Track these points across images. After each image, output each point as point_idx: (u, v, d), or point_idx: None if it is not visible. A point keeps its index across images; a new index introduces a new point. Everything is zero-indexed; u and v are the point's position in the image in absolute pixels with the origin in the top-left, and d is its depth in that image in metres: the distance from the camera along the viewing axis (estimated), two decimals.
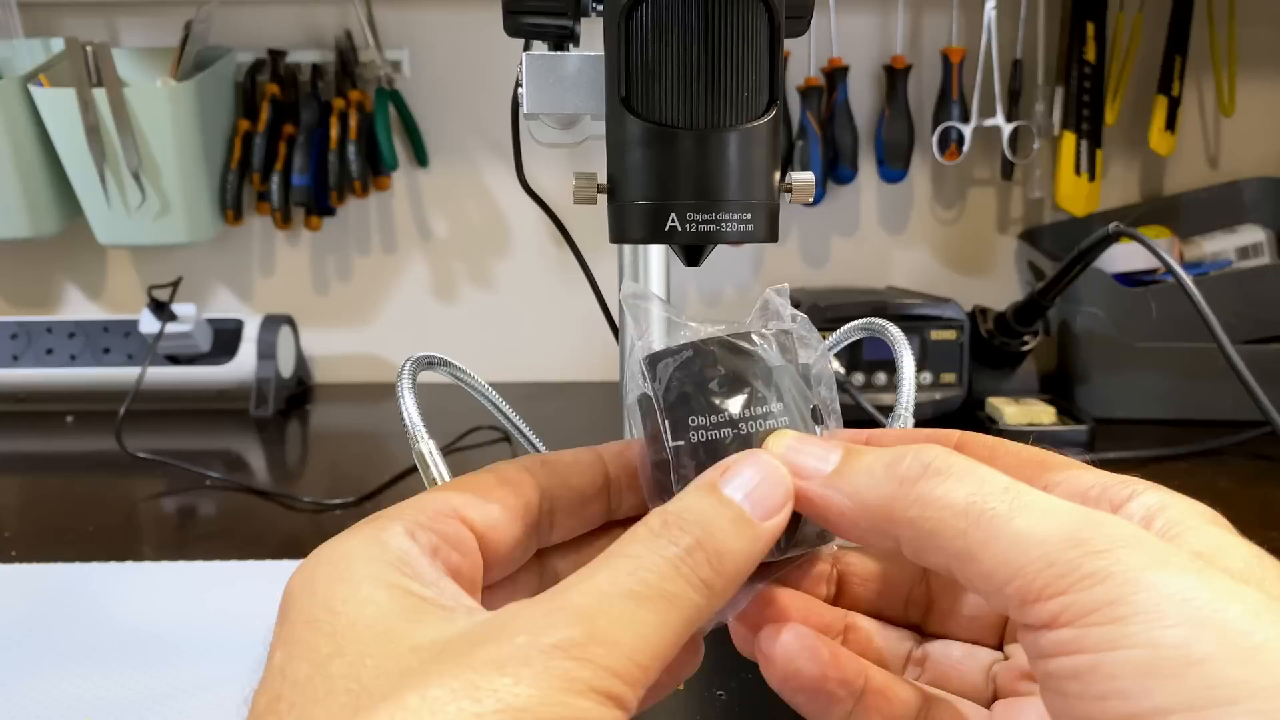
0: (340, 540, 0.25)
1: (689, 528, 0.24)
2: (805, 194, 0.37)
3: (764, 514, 0.25)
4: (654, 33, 0.33)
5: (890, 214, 1.23)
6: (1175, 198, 1.18)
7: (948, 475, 0.24)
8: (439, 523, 0.25)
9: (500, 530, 0.27)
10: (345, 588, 0.23)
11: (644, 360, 0.30)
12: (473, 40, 1.17)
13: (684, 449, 0.28)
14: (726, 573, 0.24)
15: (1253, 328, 0.96)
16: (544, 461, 0.30)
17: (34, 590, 0.62)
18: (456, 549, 0.26)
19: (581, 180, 0.37)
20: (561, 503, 0.29)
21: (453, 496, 0.27)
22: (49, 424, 1.06)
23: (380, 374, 1.24)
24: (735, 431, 0.28)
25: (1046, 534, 0.21)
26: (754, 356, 0.29)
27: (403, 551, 0.24)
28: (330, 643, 0.21)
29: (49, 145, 1.06)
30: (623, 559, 0.23)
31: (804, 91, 1.13)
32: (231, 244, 1.22)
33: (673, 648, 0.22)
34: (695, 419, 0.28)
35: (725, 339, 0.29)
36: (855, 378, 0.95)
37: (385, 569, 0.23)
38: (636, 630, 0.21)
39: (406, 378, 0.34)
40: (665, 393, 0.29)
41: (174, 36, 1.07)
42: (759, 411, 0.29)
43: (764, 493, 0.25)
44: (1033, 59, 1.14)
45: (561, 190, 0.38)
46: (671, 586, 0.23)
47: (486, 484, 0.28)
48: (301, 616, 0.23)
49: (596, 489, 0.30)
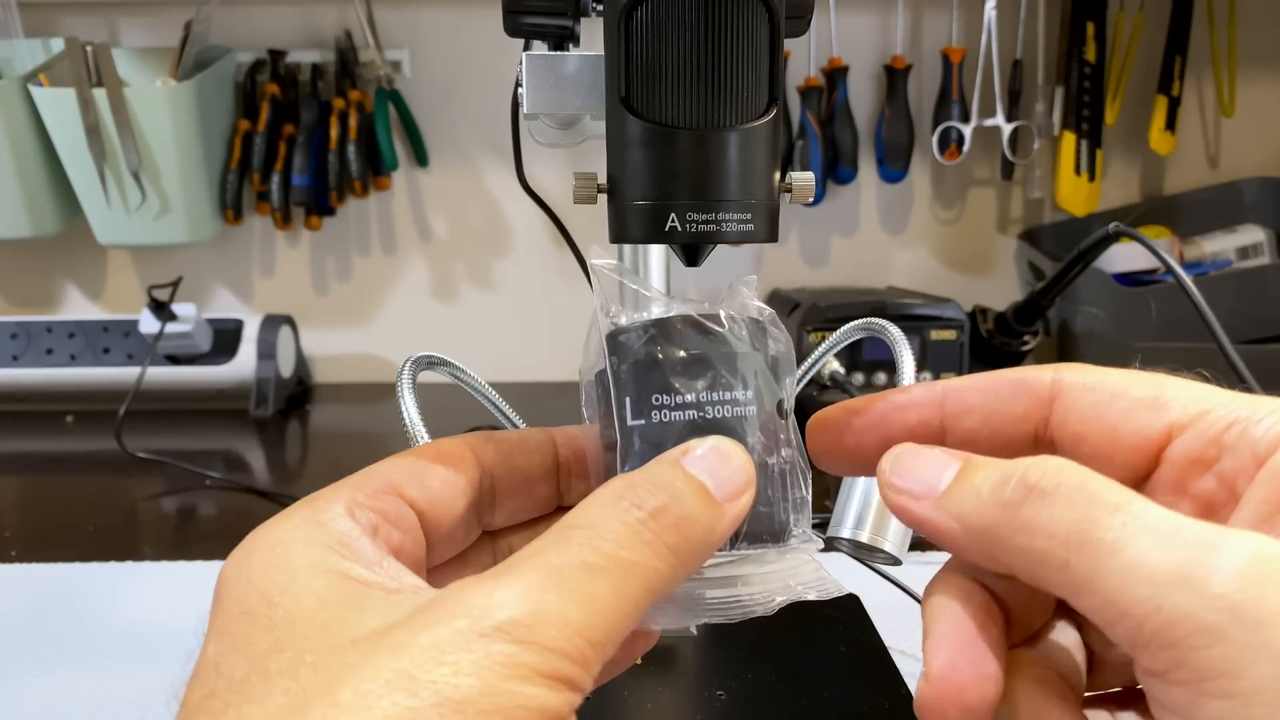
0: (277, 523, 0.23)
1: (655, 491, 0.23)
2: (805, 194, 0.37)
3: (727, 495, 0.24)
4: (654, 32, 0.33)
5: (890, 214, 1.23)
6: (1175, 198, 1.18)
7: (1054, 497, 0.21)
8: (378, 500, 0.25)
9: (441, 507, 0.26)
10: (282, 575, 0.22)
11: (605, 335, 0.28)
12: (473, 40, 1.17)
13: (640, 429, 0.27)
14: (694, 541, 0.23)
15: (1253, 328, 0.96)
16: (488, 438, 0.29)
17: (34, 590, 0.62)
18: (398, 527, 0.25)
19: (581, 180, 0.37)
20: (505, 482, 0.28)
21: (391, 472, 0.26)
22: (49, 424, 1.06)
23: (380, 374, 1.24)
24: (697, 415, 0.27)
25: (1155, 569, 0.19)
26: (722, 339, 0.28)
27: (342, 532, 0.23)
28: (268, 637, 0.21)
29: (49, 145, 1.06)
30: (577, 529, 0.22)
31: (804, 91, 1.13)
32: (231, 244, 1.22)
33: (630, 621, 0.21)
34: (656, 399, 0.27)
35: (693, 317, 0.28)
36: (855, 378, 0.95)
37: (324, 553, 0.22)
38: (589, 605, 0.20)
39: (406, 378, 0.34)
40: (625, 369, 0.27)
41: (174, 36, 1.07)
42: (724, 397, 0.27)
43: (726, 475, 0.24)
44: (1033, 59, 1.14)
45: (561, 190, 0.38)
46: (630, 554, 0.21)
47: (426, 459, 0.27)
48: (238, 607, 0.22)
49: (545, 470, 0.29)
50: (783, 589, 0.27)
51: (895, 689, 0.45)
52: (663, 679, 0.45)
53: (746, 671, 0.45)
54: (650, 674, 0.45)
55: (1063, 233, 1.16)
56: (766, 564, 0.28)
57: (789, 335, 0.30)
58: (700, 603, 0.26)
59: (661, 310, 0.28)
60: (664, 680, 0.45)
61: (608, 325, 0.28)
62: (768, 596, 0.27)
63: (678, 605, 0.26)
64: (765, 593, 0.27)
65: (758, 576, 0.28)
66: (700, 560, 0.24)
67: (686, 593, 0.26)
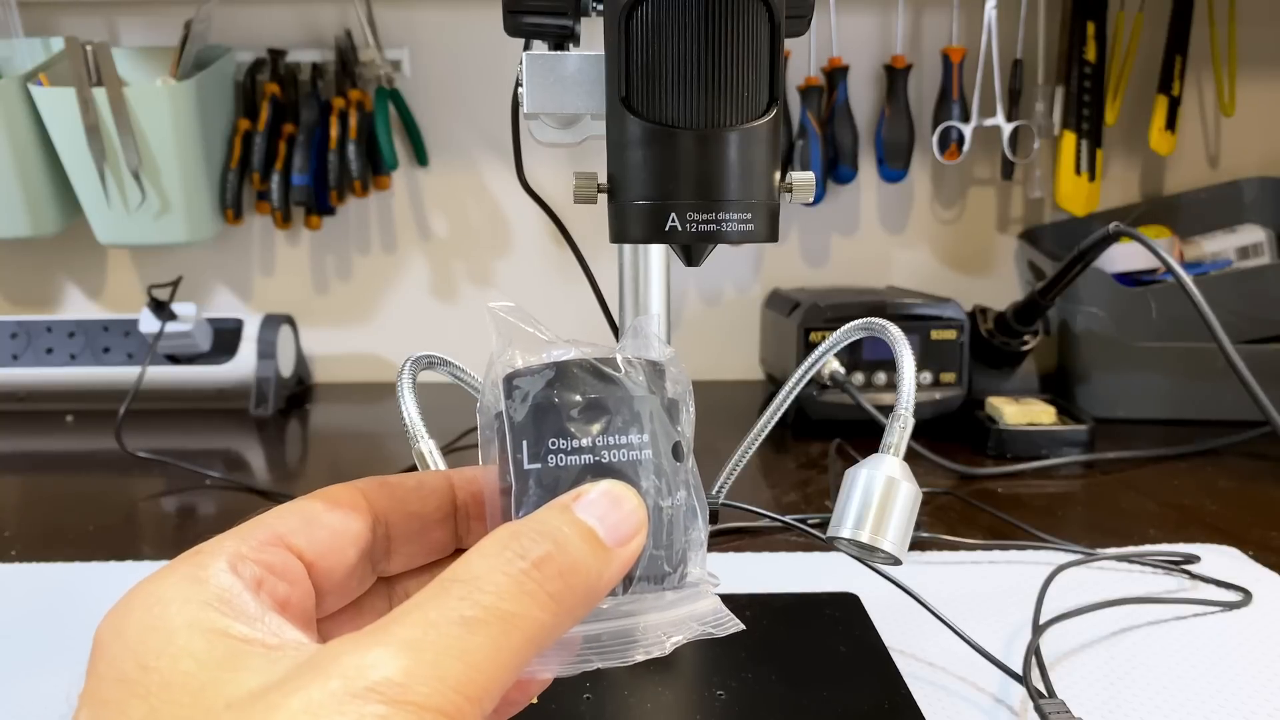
0: (155, 581, 0.23)
1: (540, 540, 0.23)
2: (805, 193, 0.37)
3: (617, 540, 0.24)
4: (654, 32, 0.33)
5: (890, 214, 1.23)
6: (1175, 198, 1.18)
7: None
8: (263, 552, 0.24)
9: (331, 558, 0.26)
10: (159, 638, 0.21)
11: (503, 378, 0.28)
12: (473, 40, 1.17)
13: (535, 474, 0.27)
14: (578, 589, 0.23)
15: (1253, 328, 0.96)
16: (382, 484, 0.28)
17: (34, 590, 0.62)
18: (284, 579, 0.24)
19: (582, 180, 0.37)
20: (399, 528, 0.28)
21: (278, 523, 0.25)
22: (49, 424, 1.06)
23: (380, 374, 1.24)
24: (592, 459, 0.27)
25: None
26: (618, 383, 0.28)
27: (223, 588, 0.23)
28: (143, 706, 0.20)
29: (49, 145, 1.06)
30: (456, 583, 0.22)
31: (804, 91, 1.13)
32: (231, 243, 1.22)
33: (511, 672, 0.21)
34: (552, 443, 0.27)
35: (590, 362, 0.28)
36: (855, 378, 0.95)
37: (203, 611, 0.22)
38: (465, 659, 0.20)
39: (406, 377, 0.34)
40: (521, 413, 0.27)
41: (174, 36, 1.07)
42: (619, 441, 0.27)
43: (617, 519, 0.25)
44: (1033, 59, 1.14)
45: (561, 190, 0.38)
46: (511, 605, 0.21)
47: (314, 509, 0.26)
48: (112, 672, 0.21)
49: (441, 515, 0.29)
50: (679, 628, 0.28)
51: (895, 689, 0.45)
52: (663, 679, 0.45)
53: (746, 671, 0.45)
54: (650, 674, 0.45)
55: (1063, 232, 1.16)
56: (664, 604, 0.28)
57: (688, 376, 0.30)
58: (593, 645, 0.26)
59: (559, 354, 0.28)
60: (664, 680, 0.45)
61: (505, 368, 0.28)
62: (663, 636, 0.27)
63: (570, 649, 0.26)
64: (661, 632, 0.27)
65: (655, 617, 0.28)
66: (587, 607, 0.24)
67: (579, 635, 0.26)
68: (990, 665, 0.47)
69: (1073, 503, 0.77)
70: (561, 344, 0.28)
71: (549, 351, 0.28)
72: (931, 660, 0.50)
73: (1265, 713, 0.45)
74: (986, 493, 0.78)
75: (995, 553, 0.65)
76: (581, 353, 0.28)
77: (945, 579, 0.61)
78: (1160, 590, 0.59)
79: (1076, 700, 0.46)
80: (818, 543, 0.61)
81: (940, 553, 0.65)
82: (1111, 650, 0.51)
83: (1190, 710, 0.45)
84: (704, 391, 1.18)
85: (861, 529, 0.35)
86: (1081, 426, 0.90)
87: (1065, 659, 0.50)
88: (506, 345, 0.29)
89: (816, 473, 0.84)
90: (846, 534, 0.36)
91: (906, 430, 0.36)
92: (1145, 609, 0.56)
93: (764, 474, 0.84)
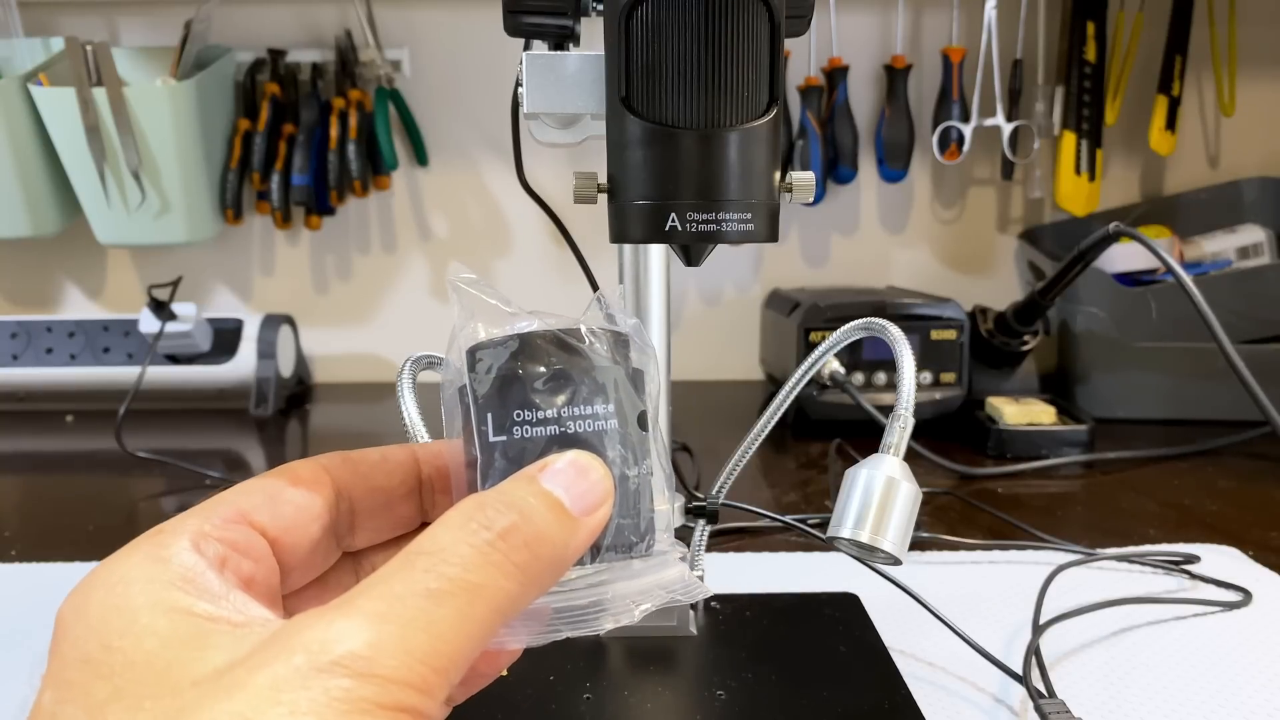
0: (118, 560, 0.23)
1: (505, 511, 0.23)
2: (805, 193, 0.37)
3: (583, 510, 0.24)
4: (654, 32, 0.33)
5: (890, 214, 1.23)
6: (1175, 198, 1.18)
7: None
8: (226, 530, 0.24)
9: (294, 533, 0.26)
10: (122, 618, 0.21)
11: (466, 350, 0.28)
12: (473, 40, 1.17)
13: (501, 446, 0.27)
14: (545, 559, 0.23)
15: (1253, 328, 0.96)
16: (345, 459, 0.28)
17: (34, 590, 0.62)
18: (248, 556, 0.24)
19: (582, 180, 0.37)
20: (364, 503, 0.28)
21: (240, 500, 0.25)
22: (49, 424, 1.06)
23: (380, 374, 1.24)
24: (558, 430, 0.27)
25: None
26: (582, 354, 0.28)
27: (186, 568, 0.22)
28: (107, 685, 0.20)
29: (49, 145, 1.06)
30: (422, 555, 0.22)
31: (804, 91, 1.13)
32: (231, 243, 1.22)
33: (478, 643, 0.21)
34: (516, 414, 0.27)
35: (554, 333, 0.28)
36: (855, 378, 0.95)
37: (166, 590, 0.22)
38: (431, 631, 0.20)
39: (406, 378, 0.34)
40: (485, 385, 0.27)
41: (174, 36, 1.07)
42: (584, 412, 0.27)
43: (583, 489, 0.25)
44: (1033, 59, 1.14)
45: (561, 190, 0.38)
46: (476, 576, 0.21)
47: (277, 485, 0.26)
48: (75, 653, 0.21)
49: (406, 489, 0.29)
50: (647, 595, 0.28)
51: (895, 689, 0.45)
52: (663, 679, 0.45)
53: (746, 671, 0.45)
54: (650, 674, 0.45)
55: (1063, 232, 1.16)
56: (632, 573, 0.28)
57: (654, 346, 0.30)
58: (563, 615, 0.26)
59: (523, 325, 0.28)
60: (664, 680, 0.45)
61: (468, 340, 0.28)
62: (632, 604, 0.27)
63: (539, 619, 0.26)
64: (630, 600, 0.27)
65: (623, 585, 0.28)
66: (554, 577, 0.24)
67: (547, 606, 0.26)
68: (990, 665, 0.47)
69: (1073, 503, 0.77)
70: (525, 316, 0.28)
71: (512, 324, 0.28)
72: (931, 660, 0.50)
73: (1265, 713, 0.45)
74: (986, 493, 0.78)
75: (995, 553, 0.65)
76: (545, 324, 0.28)
77: (945, 579, 0.61)
78: (1160, 590, 0.59)
79: (1076, 700, 0.46)
80: (818, 543, 0.61)
81: (940, 553, 0.65)
82: (1111, 650, 0.51)
83: (1190, 710, 0.46)
84: (704, 391, 1.18)
85: (861, 529, 0.35)
86: (1081, 426, 0.90)
87: (1065, 659, 0.50)
88: (469, 318, 0.28)
89: (816, 473, 0.84)
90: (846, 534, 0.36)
91: (906, 430, 0.36)
92: (1145, 609, 0.56)
93: (764, 474, 0.84)
